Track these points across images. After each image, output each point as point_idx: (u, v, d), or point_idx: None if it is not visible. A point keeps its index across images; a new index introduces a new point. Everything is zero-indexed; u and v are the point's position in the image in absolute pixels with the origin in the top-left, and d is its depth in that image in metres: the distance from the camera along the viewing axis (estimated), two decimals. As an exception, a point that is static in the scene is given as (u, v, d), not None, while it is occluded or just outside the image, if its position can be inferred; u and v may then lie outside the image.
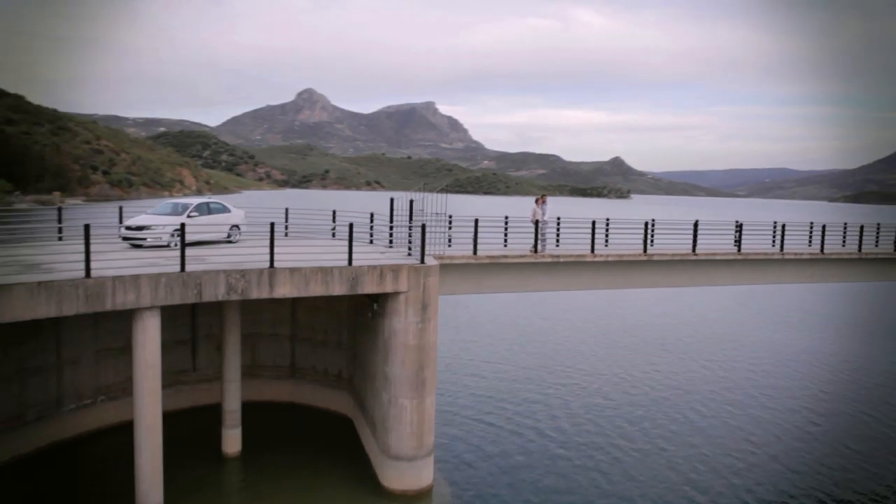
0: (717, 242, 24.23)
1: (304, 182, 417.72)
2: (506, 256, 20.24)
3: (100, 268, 13.77)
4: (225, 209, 21.78)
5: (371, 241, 22.02)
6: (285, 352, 24.33)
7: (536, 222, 20.87)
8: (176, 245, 19.09)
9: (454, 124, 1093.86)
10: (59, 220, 20.83)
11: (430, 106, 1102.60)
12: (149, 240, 18.72)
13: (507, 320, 41.39)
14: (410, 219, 19.23)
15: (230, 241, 21.57)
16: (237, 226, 21.91)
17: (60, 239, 20.94)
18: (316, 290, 16.33)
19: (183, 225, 15.07)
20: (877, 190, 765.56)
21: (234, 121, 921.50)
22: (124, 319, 16.01)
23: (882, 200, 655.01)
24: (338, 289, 16.61)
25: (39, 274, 13.50)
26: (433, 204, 19.42)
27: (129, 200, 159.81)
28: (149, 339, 14.43)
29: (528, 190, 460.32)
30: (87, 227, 13.52)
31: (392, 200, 20.76)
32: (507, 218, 22.18)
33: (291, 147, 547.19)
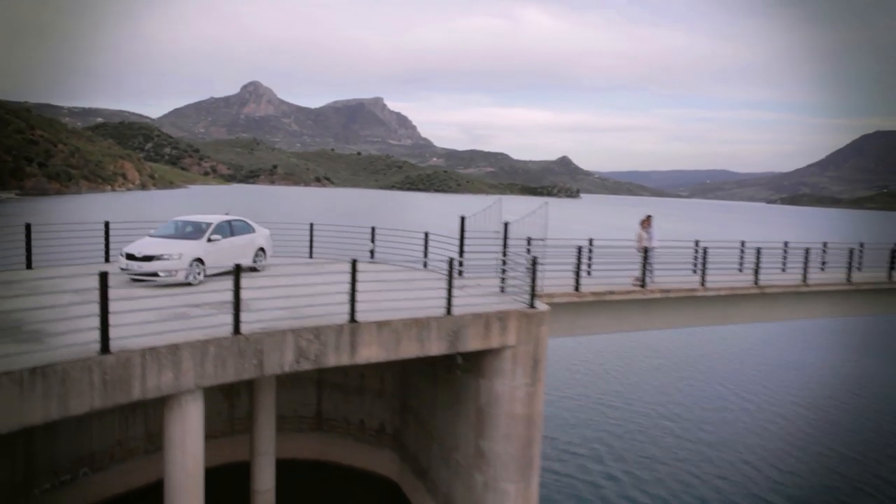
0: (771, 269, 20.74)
1: (251, 177, 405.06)
2: (612, 293, 16.31)
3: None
4: (248, 227, 17.17)
5: (425, 266, 17.87)
6: (310, 399, 19.81)
7: (645, 249, 17.03)
8: (195, 279, 14.49)
9: (403, 121, 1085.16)
10: (28, 240, 15.78)
11: (378, 101, 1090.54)
12: (161, 274, 14.03)
13: (594, 360, 33.31)
14: (505, 245, 15.11)
15: (255, 270, 16.99)
16: (263, 249, 17.34)
17: (30, 266, 15.94)
18: (409, 349, 12.05)
19: (238, 268, 10.47)
20: (809, 193, 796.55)
21: (177, 113, 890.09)
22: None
23: (815, 203, 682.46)
24: (434, 347, 12.37)
25: (26, 349, 8.79)
26: (528, 227, 15.31)
27: (69, 195, 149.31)
28: (189, 432, 9.93)
29: (479, 188, 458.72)
30: (104, 277, 8.89)
31: (463, 220, 16.55)
32: (591, 241, 18.22)
33: (237, 141, 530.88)
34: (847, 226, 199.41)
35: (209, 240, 15.27)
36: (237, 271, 10.34)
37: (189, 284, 14.25)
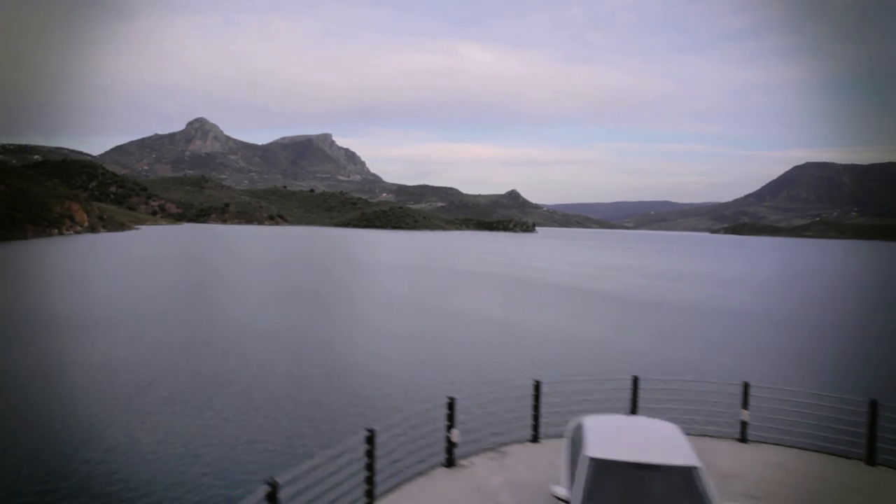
0: None
1: (202, 216, 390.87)
2: None
3: None
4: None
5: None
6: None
7: None
8: None
9: (351, 156, 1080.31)
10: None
11: (326, 138, 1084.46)
12: None
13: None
14: None
15: None
16: None
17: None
18: None
19: None
20: (749, 222, 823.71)
21: (119, 150, 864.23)
22: None
23: (756, 232, 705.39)
24: None
25: None
26: None
27: (13, 242, 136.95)
28: None
29: (436, 224, 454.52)
30: None
31: None
32: None
33: (186, 178, 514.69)
34: (812, 256, 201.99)
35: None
36: None
37: None
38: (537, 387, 12.26)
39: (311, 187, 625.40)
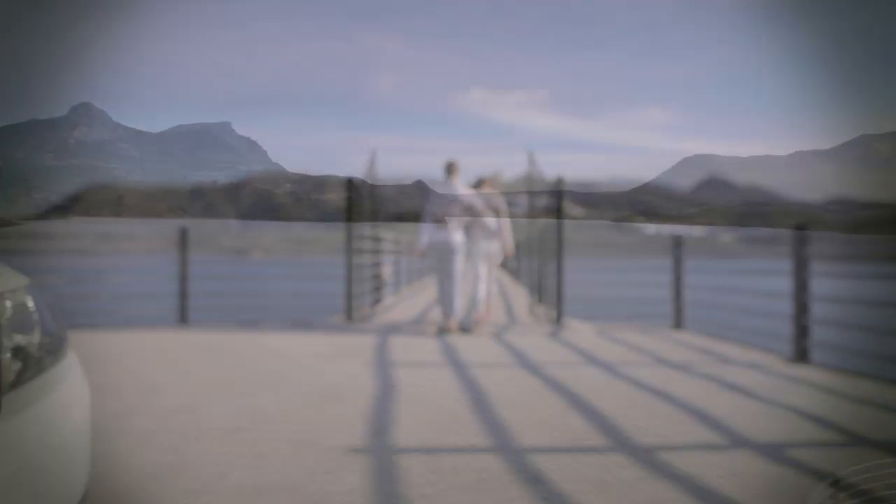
0: None
1: (92, 210, 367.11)
2: None
3: None
4: None
5: None
6: None
7: None
8: None
9: (252, 146, 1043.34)
10: None
11: (226, 126, 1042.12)
12: None
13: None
14: None
15: None
16: None
17: None
18: None
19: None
20: (644, 211, 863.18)
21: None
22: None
23: (650, 221, 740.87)
24: None
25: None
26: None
27: None
28: None
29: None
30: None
31: None
32: None
33: (71, 168, 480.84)
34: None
35: None
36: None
37: None
38: None
39: (212, 178, 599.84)
